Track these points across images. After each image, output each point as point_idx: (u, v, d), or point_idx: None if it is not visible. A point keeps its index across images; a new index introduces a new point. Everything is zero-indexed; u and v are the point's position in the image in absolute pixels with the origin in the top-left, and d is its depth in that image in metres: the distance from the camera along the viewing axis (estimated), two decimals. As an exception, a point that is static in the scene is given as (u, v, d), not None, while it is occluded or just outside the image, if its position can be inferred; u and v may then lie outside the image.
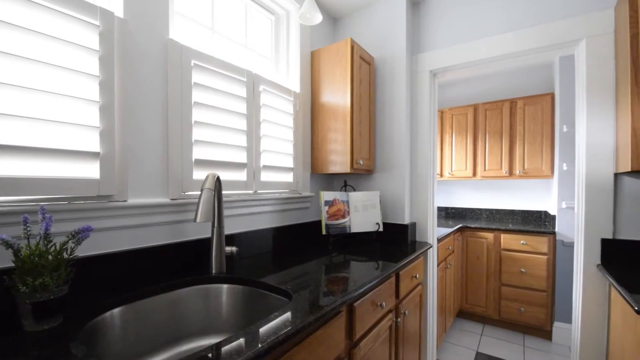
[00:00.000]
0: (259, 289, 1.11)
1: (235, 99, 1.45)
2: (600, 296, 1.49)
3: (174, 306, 1.07)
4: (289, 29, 1.89)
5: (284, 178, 1.79)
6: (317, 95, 1.95)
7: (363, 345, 1.15)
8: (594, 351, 1.50)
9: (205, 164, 1.32)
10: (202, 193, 1.04)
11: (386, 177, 2.05)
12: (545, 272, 2.61)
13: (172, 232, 1.22)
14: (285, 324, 0.76)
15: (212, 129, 1.35)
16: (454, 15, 1.94)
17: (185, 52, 1.25)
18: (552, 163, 2.83)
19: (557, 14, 1.61)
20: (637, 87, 1.21)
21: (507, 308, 2.78)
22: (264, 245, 1.62)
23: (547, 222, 3.03)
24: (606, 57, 1.48)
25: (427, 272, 2.02)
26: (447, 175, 3.40)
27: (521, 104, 2.97)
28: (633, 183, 1.44)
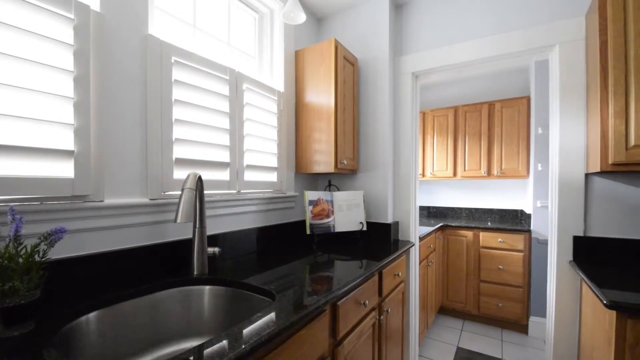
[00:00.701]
0: (242, 290, 1.10)
1: (218, 97, 1.43)
2: (572, 291, 1.57)
3: (154, 309, 1.05)
4: (273, 28, 1.88)
5: (268, 178, 1.78)
6: (301, 95, 1.95)
7: (347, 344, 1.16)
8: (567, 344, 1.57)
9: (186, 163, 1.29)
10: (183, 193, 1.02)
11: (370, 177, 2.08)
12: (521, 268, 2.72)
13: (152, 233, 1.19)
14: (269, 324, 0.76)
15: (194, 128, 1.32)
16: (436, 19, 1.99)
17: (166, 48, 1.22)
18: (528, 164, 2.94)
19: (532, 20, 1.68)
20: (606, 91, 1.28)
21: (485, 304, 2.87)
22: (247, 245, 1.61)
23: (523, 221, 3.15)
24: (578, 62, 1.55)
25: (409, 270, 2.06)
26: (429, 175, 3.48)
27: (499, 106, 3.07)
28: (602, 183, 1.51)
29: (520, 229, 2.72)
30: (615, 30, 1.25)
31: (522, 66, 3.17)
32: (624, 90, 1.23)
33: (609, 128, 1.26)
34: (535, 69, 2.77)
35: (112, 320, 0.93)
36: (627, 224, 1.46)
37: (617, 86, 1.24)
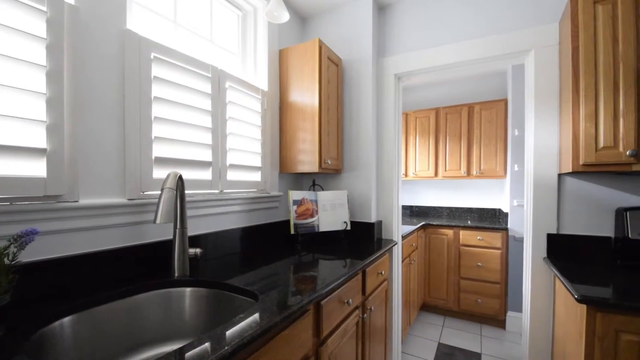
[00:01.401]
0: (224, 291, 1.08)
1: (200, 95, 1.40)
2: (546, 286, 1.64)
3: (133, 312, 1.02)
4: (257, 26, 1.86)
5: (252, 177, 1.76)
6: (285, 94, 1.94)
7: (330, 343, 1.16)
8: (542, 337, 1.64)
9: (166, 162, 1.26)
10: (163, 193, 0.99)
11: (354, 177, 2.09)
12: (499, 265, 2.81)
13: (131, 234, 1.15)
14: (251, 325, 0.75)
15: (174, 126, 1.29)
16: (418, 21, 2.03)
17: (145, 43, 1.18)
18: (505, 164, 3.05)
19: (510, 25, 1.74)
20: (577, 95, 1.34)
21: (465, 300, 2.96)
22: (231, 246, 1.59)
23: (500, 219, 3.26)
24: (552, 67, 1.62)
25: (392, 269, 2.09)
26: (412, 175, 3.54)
27: (478, 108, 3.17)
28: (574, 183, 1.59)
29: (498, 227, 2.82)
30: (586, 37, 1.31)
31: (500, 70, 3.28)
32: (594, 95, 1.30)
33: (580, 130, 1.33)
34: (512, 72, 2.87)
35: (88, 325, 0.90)
36: (596, 222, 1.54)
37: (587, 91, 1.31)
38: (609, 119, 1.27)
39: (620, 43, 1.25)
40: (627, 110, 1.23)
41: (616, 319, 1.04)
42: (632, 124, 1.23)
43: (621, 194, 1.49)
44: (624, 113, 1.24)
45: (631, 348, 1.03)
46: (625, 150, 1.24)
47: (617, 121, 1.26)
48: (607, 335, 1.06)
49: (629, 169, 1.25)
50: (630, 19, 1.23)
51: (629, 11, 1.24)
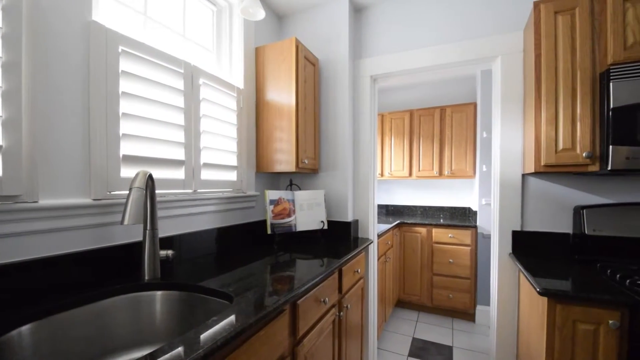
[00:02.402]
0: (197, 294, 1.05)
1: (172, 92, 1.36)
2: (511, 281, 1.73)
3: (100, 318, 0.97)
4: (232, 22, 1.83)
5: (227, 177, 1.73)
6: (262, 93, 1.92)
7: (307, 342, 1.17)
8: (508, 329, 1.73)
9: (136, 160, 1.21)
10: (131, 192, 0.95)
11: (330, 177, 2.11)
12: (469, 261, 2.94)
13: (97, 236, 1.10)
14: (225, 327, 0.74)
15: (144, 123, 1.24)
16: (393, 25, 2.07)
17: (112, 36, 1.13)
18: (474, 165, 3.19)
19: (479, 32, 1.82)
20: (539, 100, 1.43)
21: (438, 295, 3.06)
22: (205, 247, 1.55)
23: (470, 217, 3.41)
24: (516, 73, 1.71)
25: (368, 267, 2.12)
26: (387, 175, 3.61)
27: (449, 111, 3.29)
28: (536, 182, 1.69)
29: (468, 225, 2.94)
30: (547, 45, 1.40)
31: (470, 74, 3.42)
32: (554, 100, 1.39)
33: (542, 133, 1.41)
34: (481, 77, 3.01)
35: (49, 332, 0.84)
36: (556, 219, 1.64)
37: (548, 96, 1.39)
38: (567, 123, 1.36)
39: (578, 52, 1.35)
40: (583, 115, 1.33)
41: (573, 310, 1.12)
42: (588, 127, 1.32)
43: (579, 193, 1.60)
44: (581, 117, 1.33)
45: (586, 336, 1.11)
46: (582, 152, 1.33)
47: (574, 125, 1.35)
48: (565, 325, 1.13)
49: (585, 170, 1.35)
50: (586, 30, 1.33)
51: (586, 22, 1.33)
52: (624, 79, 1.22)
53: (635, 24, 1.25)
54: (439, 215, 3.68)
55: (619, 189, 1.53)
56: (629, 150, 1.21)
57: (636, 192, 1.50)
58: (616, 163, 1.22)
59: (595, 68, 1.32)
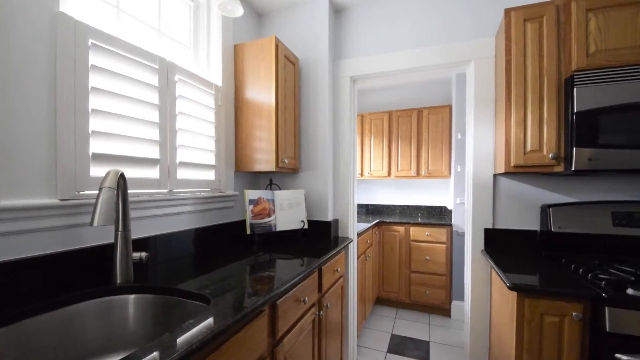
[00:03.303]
0: (173, 297, 1.02)
1: (146, 88, 1.31)
2: (484, 277, 1.80)
3: (68, 324, 0.92)
4: (210, 19, 1.79)
5: (205, 176, 1.69)
6: (241, 91, 1.89)
7: (286, 342, 1.16)
8: (481, 322, 1.80)
9: (106, 159, 1.16)
10: (101, 192, 0.91)
11: (311, 176, 2.11)
12: (444, 258, 3.03)
13: (64, 238, 1.04)
14: (201, 330, 0.72)
15: (116, 120, 1.19)
16: (372, 28, 2.10)
17: (81, 28, 1.07)
18: (450, 165, 3.29)
19: (454, 37, 1.88)
20: (509, 104, 1.49)
21: (416, 292, 3.14)
22: (182, 248, 1.50)
23: (445, 216, 3.51)
24: (489, 77, 1.78)
25: (348, 265, 2.14)
26: (367, 175, 3.66)
27: (426, 113, 3.38)
28: (507, 182, 1.77)
29: (444, 224, 3.03)
30: (517, 51, 1.46)
31: (446, 78, 3.53)
32: (523, 104, 1.46)
33: (511, 135, 1.48)
34: (456, 81, 3.11)
35: (11, 341, 0.79)
36: (525, 217, 1.72)
37: (517, 100, 1.46)
38: (535, 125, 1.43)
39: (545, 58, 1.42)
40: (549, 119, 1.40)
41: (541, 303, 1.18)
42: (554, 130, 1.40)
43: (546, 192, 1.69)
44: (547, 121, 1.41)
45: (552, 328, 1.17)
46: (548, 153, 1.41)
47: (542, 128, 1.42)
48: (533, 317, 1.19)
49: (551, 170, 1.42)
50: (553, 37, 1.40)
51: (552, 30, 1.40)
52: (586, 85, 1.30)
53: (597, 33, 1.33)
54: (417, 214, 3.77)
55: (582, 188, 1.63)
56: (591, 151, 1.29)
57: (597, 192, 1.60)
58: (579, 164, 1.30)
59: (560, 74, 1.40)
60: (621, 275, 1.19)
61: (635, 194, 1.55)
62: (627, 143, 1.24)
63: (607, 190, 1.59)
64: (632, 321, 1.04)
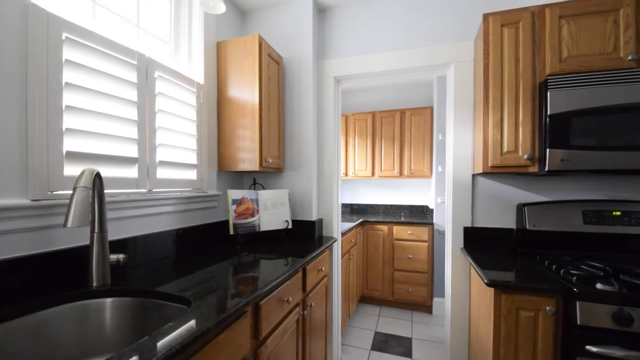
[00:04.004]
0: (152, 300, 1.00)
1: (124, 84, 1.27)
2: (463, 274, 1.85)
3: (41, 330, 0.88)
4: (192, 15, 1.75)
5: (187, 175, 1.66)
6: (223, 89, 1.86)
7: (270, 343, 1.15)
8: (461, 318, 1.85)
9: (82, 157, 1.11)
10: (75, 192, 0.87)
11: (295, 176, 2.10)
12: (426, 256, 3.09)
13: (36, 240, 0.99)
14: (181, 333, 0.71)
15: (92, 117, 1.15)
16: (356, 29, 2.11)
17: (54, 22, 1.03)
18: (431, 165, 3.36)
19: (436, 40, 1.92)
20: (487, 106, 1.54)
21: (399, 290, 3.19)
22: (163, 249, 1.47)
23: (427, 215, 3.59)
24: (468, 80, 1.83)
25: (332, 265, 2.15)
26: (351, 175, 3.69)
27: (409, 114, 3.44)
28: (485, 182, 1.82)
29: (425, 222, 3.10)
30: (494, 55, 1.51)
31: (428, 80, 3.60)
32: (500, 106, 1.51)
33: (489, 137, 1.53)
34: (437, 83, 3.18)
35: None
36: (502, 216, 1.78)
37: (495, 102, 1.51)
38: (511, 127, 1.48)
39: (521, 62, 1.47)
40: (525, 121, 1.46)
41: (516, 298, 1.22)
42: (529, 132, 1.45)
43: (521, 192, 1.75)
44: (522, 123, 1.46)
45: (527, 322, 1.22)
46: (523, 154, 1.46)
47: (517, 130, 1.48)
48: (510, 312, 1.23)
49: (526, 170, 1.48)
50: (528, 43, 1.46)
51: (528, 36, 1.46)
52: (559, 89, 1.35)
53: (569, 39, 1.39)
54: (400, 213, 3.83)
55: (555, 188, 1.70)
56: (564, 153, 1.35)
57: (569, 191, 1.68)
58: (552, 164, 1.36)
59: (535, 78, 1.46)
60: (591, 270, 1.25)
61: (604, 194, 1.63)
62: (597, 145, 1.31)
63: (578, 189, 1.66)
64: (600, 314, 1.09)
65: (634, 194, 1.59)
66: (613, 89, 1.29)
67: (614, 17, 1.34)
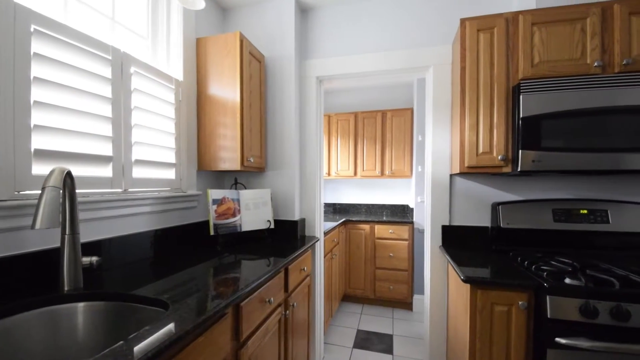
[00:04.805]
0: (128, 303, 0.96)
1: (97, 80, 1.22)
2: (442, 271, 1.90)
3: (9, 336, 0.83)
4: (170, 10, 1.70)
5: (165, 175, 1.61)
6: (203, 86, 1.83)
7: (251, 344, 1.14)
8: (439, 314, 1.90)
9: (51, 155, 1.06)
10: (44, 192, 0.83)
11: (277, 176, 2.09)
12: (406, 254, 3.16)
13: (2, 242, 0.94)
14: (158, 337, 0.69)
15: (63, 113, 1.10)
16: (339, 29, 2.12)
17: (22, 13, 0.98)
18: (411, 165, 3.44)
19: (416, 43, 1.96)
20: (464, 108, 1.59)
21: (380, 288, 3.24)
22: (140, 251, 1.42)
23: (408, 214, 3.66)
24: (446, 82, 1.88)
25: (315, 264, 2.16)
26: (334, 174, 3.71)
27: (390, 115, 3.50)
28: (461, 182, 1.88)
29: (406, 221, 3.16)
30: (470, 59, 1.56)
31: (408, 82, 3.68)
32: (476, 108, 1.56)
33: (465, 138, 1.58)
34: (417, 85, 3.25)
35: None
36: (478, 214, 1.85)
37: (471, 105, 1.56)
38: (486, 129, 1.54)
39: (495, 67, 1.53)
40: (499, 123, 1.51)
41: (491, 294, 1.27)
42: (503, 134, 1.51)
43: (496, 191, 1.82)
44: (497, 125, 1.52)
45: (501, 317, 1.26)
46: (497, 155, 1.52)
47: (492, 131, 1.53)
48: (485, 307, 1.28)
49: (500, 171, 1.54)
50: (502, 48, 1.51)
51: (502, 41, 1.51)
52: (531, 93, 1.41)
53: (541, 45, 1.46)
54: (382, 212, 3.88)
55: (527, 187, 1.77)
56: (535, 154, 1.41)
57: (541, 190, 1.76)
58: (524, 165, 1.42)
59: (509, 82, 1.52)
60: (560, 266, 1.32)
61: (572, 193, 1.72)
62: (566, 146, 1.38)
63: (549, 189, 1.75)
64: (569, 308, 1.15)
65: (599, 193, 1.69)
66: (580, 93, 1.36)
67: (581, 26, 1.42)
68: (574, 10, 1.42)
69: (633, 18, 1.36)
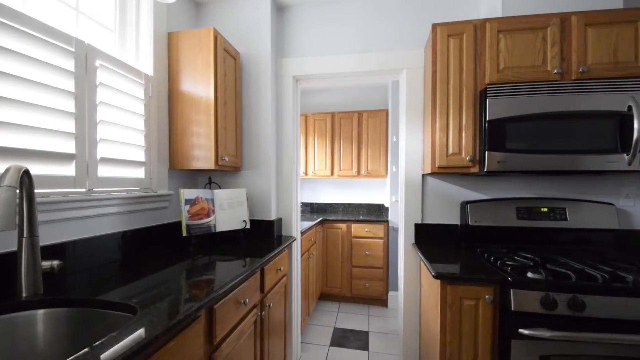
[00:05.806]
0: (92, 309, 0.92)
1: (59, 73, 1.15)
2: (414, 267, 1.96)
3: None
4: (139, 1, 1.63)
5: (134, 174, 1.55)
6: (175, 82, 1.77)
7: (225, 347, 1.13)
8: (413, 310, 1.96)
9: (7, 152, 0.99)
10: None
11: (253, 175, 2.06)
12: (382, 252, 3.22)
13: (-55, 249, 0.86)
14: (125, 343, 0.66)
15: (19, 108, 1.03)
16: (316, 29, 2.13)
17: (-30, -2, 0.90)
18: (387, 165, 3.51)
19: (390, 45, 2.00)
20: (435, 110, 1.64)
21: (356, 286, 3.28)
22: (107, 254, 1.35)
23: (383, 213, 3.74)
24: (418, 85, 1.94)
25: (291, 264, 2.15)
26: (311, 174, 3.71)
27: (366, 115, 3.55)
28: (432, 181, 1.95)
29: (381, 220, 3.23)
30: (441, 63, 1.62)
31: (383, 84, 3.75)
32: (446, 111, 1.61)
33: (436, 139, 1.63)
34: (391, 87, 3.32)
35: None
36: (448, 213, 1.92)
37: (441, 107, 1.62)
38: (456, 131, 1.60)
39: (464, 71, 1.59)
40: (467, 125, 1.58)
41: (460, 289, 1.32)
42: (471, 136, 1.58)
43: (465, 191, 1.90)
44: (465, 127, 1.58)
45: (470, 310, 1.32)
46: (466, 156, 1.58)
47: (461, 133, 1.60)
48: (454, 302, 1.33)
49: (468, 171, 1.61)
50: (471, 53, 1.58)
51: (470, 47, 1.58)
52: (497, 97, 1.49)
53: (506, 52, 1.53)
54: (358, 211, 3.94)
55: (494, 187, 1.87)
56: (500, 155, 1.48)
57: (506, 190, 1.86)
58: (490, 166, 1.49)
59: (477, 86, 1.58)
60: (523, 261, 1.40)
61: (534, 192, 1.83)
62: (528, 148, 1.46)
63: (513, 188, 1.85)
64: (531, 300, 1.22)
65: (559, 192, 1.80)
66: (542, 98, 1.45)
67: (543, 34, 1.51)
68: (536, 19, 1.51)
69: (589, 29, 1.47)
